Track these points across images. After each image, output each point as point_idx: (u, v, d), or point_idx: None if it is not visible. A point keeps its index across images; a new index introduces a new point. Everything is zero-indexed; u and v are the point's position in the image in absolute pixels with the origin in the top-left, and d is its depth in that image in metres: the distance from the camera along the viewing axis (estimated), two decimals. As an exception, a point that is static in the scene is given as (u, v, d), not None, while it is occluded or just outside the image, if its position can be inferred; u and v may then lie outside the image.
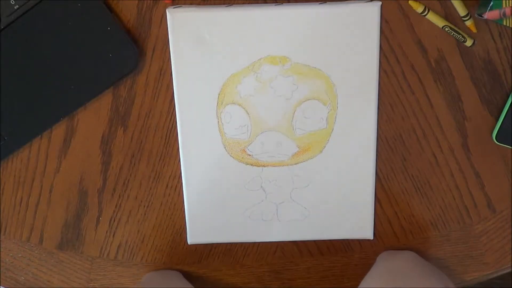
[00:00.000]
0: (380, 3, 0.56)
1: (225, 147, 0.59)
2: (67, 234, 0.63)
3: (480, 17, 0.56)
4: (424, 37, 0.58)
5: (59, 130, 0.60)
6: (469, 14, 0.57)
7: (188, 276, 0.64)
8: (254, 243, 0.64)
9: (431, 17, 0.57)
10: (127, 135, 0.60)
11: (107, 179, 0.62)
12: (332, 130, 0.59)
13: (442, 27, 0.57)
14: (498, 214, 0.63)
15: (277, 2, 0.57)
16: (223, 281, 0.65)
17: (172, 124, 0.60)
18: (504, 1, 0.54)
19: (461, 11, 0.57)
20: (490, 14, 0.54)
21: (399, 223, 0.63)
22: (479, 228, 0.63)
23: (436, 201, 0.62)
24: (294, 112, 0.58)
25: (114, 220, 0.63)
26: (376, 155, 0.60)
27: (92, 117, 0.60)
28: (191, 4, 0.57)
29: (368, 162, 0.60)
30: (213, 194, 0.61)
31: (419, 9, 0.57)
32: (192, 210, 0.61)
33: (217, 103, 0.58)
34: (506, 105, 0.59)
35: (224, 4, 0.57)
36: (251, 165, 0.60)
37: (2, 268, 0.64)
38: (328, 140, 0.59)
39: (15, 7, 0.56)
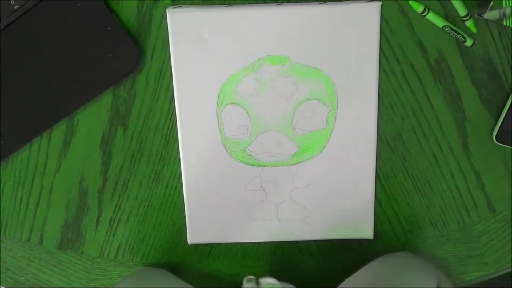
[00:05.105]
0: (380, 3, 0.56)
1: (225, 147, 0.59)
2: (67, 234, 0.63)
3: (480, 17, 0.56)
4: (424, 37, 0.58)
5: (59, 130, 0.60)
6: (469, 14, 0.57)
7: (188, 276, 0.64)
8: (254, 243, 0.64)
9: (431, 17, 0.57)
10: (127, 135, 0.60)
11: (107, 179, 0.62)
12: (332, 130, 0.59)
13: (442, 27, 0.57)
14: (498, 214, 0.63)
15: (277, 2, 0.57)
16: (223, 281, 0.65)
17: (172, 124, 0.60)
18: (504, 1, 0.54)
19: (461, 11, 0.57)
20: (490, 14, 0.54)
21: (399, 223, 0.63)
22: (479, 228, 0.63)
23: (436, 201, 0.62)
24: (294, 112, 0.58)
25: (114, 220, 0.63)
26: (376, 155, 0.60)
27: (92, 117, 0.60)
28: (191, 4, 0.57)
29: (368, 162, 0.60)
30: (213, 194, 0.61)
31: (419, 9, 0.57)
32: (192, 210, 0.61)
33: (217, 103, 0.58)
34: (506, 105, 0.59)
35: (224, 4, 0.57)
36: (251, 165, 0.60)
37: (2, 268, 0.64)
38: (328, 140, 0.59)
39: (15, 7, 0.56)
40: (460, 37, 0.57)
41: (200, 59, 0.57)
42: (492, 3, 0.54)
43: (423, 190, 0.62)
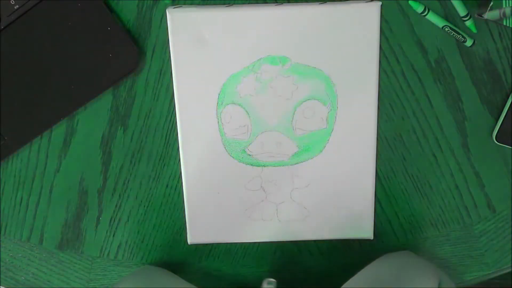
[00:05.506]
0: (380, 3, 0.56)
1: (225, 147, 0.59)
2: (67, 234, 0.63)
3: (480, 17, 0.56)
4: (424, 37, 0.58)
5: (59, 130, 0.60)
6: (469, 14, 0.57)
7: (188, 276, 0.64)
8: (254, 243, 0.64)
9: (431, 17, 0.57)
10: (127, 135, 0.60)
11: (107, 179, 0.62)
12: (332, 130, 0.59)
13: (442, 27, 0.57)
14: (498, 214, 0.63)
15: (277, 2, 0.57)
16: (223, 281, 0.65)
17: (172, 124, 0.60)
18: (504, 1, 0.54)
19: (461, 11, 0.57)
20: (490, 14, 0.54)
21: (399, 223, 0.63)
22: (479, 228, 0.63)
23: (436, 201, 0.62)
24: (294, 112, 0.58)
25: (114, 220, 0.63)
26: (376, 155, 0.60)
27: (92, 117, 0.60)
28: (191, 4, 0.57)
29: (368, 162, 0.60)
30: (213, 194, 0.61)
31: (419, 9, 0.57)
32: (192, 210, 0.61)
33: (217, 103, 0.58)
34: (506, 105, 0.59)
35: (224, 4, 0.57)
36: (251, 165, 0.60)
37: (2, 268, 0.64)
38: (328, 140, 0.59)
39: (15, 7, 0.56)
40: (460, 37, 0.57)
41: (200, 59, 0.57)
42: (492, 3, 0.54)
43: (423, 190, 0.62)
